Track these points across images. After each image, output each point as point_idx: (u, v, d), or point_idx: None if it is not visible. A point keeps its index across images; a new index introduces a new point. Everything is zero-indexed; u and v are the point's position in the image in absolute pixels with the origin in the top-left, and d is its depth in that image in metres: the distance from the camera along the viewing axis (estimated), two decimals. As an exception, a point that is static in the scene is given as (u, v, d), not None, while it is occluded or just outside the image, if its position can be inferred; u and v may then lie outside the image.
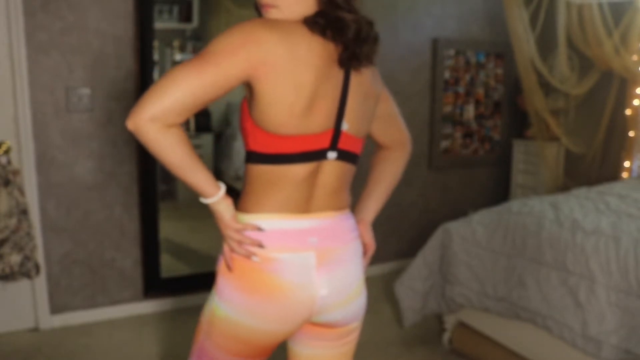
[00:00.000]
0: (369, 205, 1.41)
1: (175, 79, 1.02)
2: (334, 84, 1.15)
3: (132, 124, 1.02)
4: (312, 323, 1.23)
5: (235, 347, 1.18)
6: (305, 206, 1.18)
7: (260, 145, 1.14)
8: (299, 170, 1.15)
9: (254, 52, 1.05)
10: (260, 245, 1.14)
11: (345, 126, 1.18)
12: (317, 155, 1.16)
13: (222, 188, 1.14)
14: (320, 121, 1.14)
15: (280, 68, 1.07)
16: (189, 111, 1.04)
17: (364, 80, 1.22)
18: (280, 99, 1.09)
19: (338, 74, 1.16)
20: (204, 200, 1.14)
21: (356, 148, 1.24)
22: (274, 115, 1.10)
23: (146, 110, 1.01)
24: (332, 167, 1.20)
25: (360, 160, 1.28)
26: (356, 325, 1.30)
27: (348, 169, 1.23)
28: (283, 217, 1.16)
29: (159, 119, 1.01)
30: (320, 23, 1.11)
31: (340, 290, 1.20)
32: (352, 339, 1.32)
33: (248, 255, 1.14)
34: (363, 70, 1.21)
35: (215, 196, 1.13)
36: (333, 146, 1.17)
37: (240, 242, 1.14)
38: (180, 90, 1.01)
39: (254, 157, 1.16)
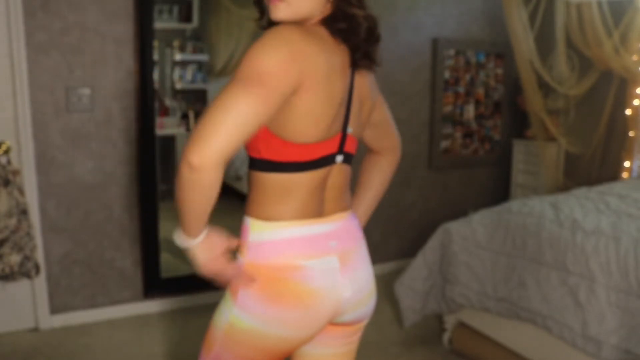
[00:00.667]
0: (360, 212, 1.42)
1: (234, 110, 0.94)
2: (346, 88, 1.15)
3: (197, 159, 0.93)
4: (331, 324, 1.24)
5: (259, 356, 1.17)
6: (319, 210, 1.18)
7: (275, 154, 1.10)
8: (315, 176, 1.14)
9: (304, 66, 1.02)
10: (252, 281, 1.13)
11: (350, 130, 1.19)
12: (329, 160, 1.16)
13: (205, 232, 1.11)
14: (336, 127, 1.14)
15: (320, 79, 1.06)
16: (244, 144, 1.00)
17: (364, 82, 1.22)
18: (315, 109, 1.07)
19: (347, 77, 1.15)
20: (180, 240, 1.11)
21: (355, 148, 1.25)
22: (305, 125, 1.08)
23: (214, 146, 0.93)
24: (338, 170, 1.20)
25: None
26: (365, 322, 1.31)
27: (349, 169, 1.25)
28: (303, 223, 1.14)
29: (224, 157, 0.95)
30: (343, 28, 1.10)
31: (361, 289, 1.22)
32: (357, 338, 1.34)
33: (245, 283, 1.14)
34: (364, 72, 1.21)
35: (197, 238, 1.10)
36: (340, 150, 1.18)
37: (225, 277, 1.14)
38: (242, 123, 0.95)
39: (265, 165, 1.12)
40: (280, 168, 1.12)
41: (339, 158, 1.18)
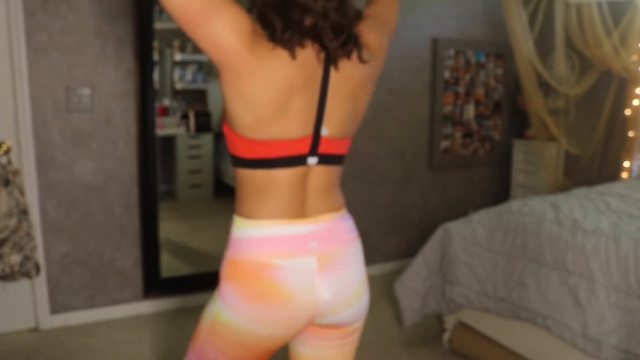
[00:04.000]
0: None
1: None
2: (312, 86, 1.11)
3: None
4: (316, 325, 1.23)
5: (236, 352, 1.17)
6: (301, 210, 1.16)
7: (242, 150, 1.13)
8: (288, 175, 1.13)
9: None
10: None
11: (325, 131, 1.13)
12: (297, 161, 1.12)
13: None
14: (305, 128, 1.11)
15: (257, 69, 1.13)
16: None
17: (351, 75, 1.14)
18: (254, 102, 1.12)
19: (318, 74, 1.11)
20: None
21: (340, 149, 1.20)
22: (247, 119, 1.11)
23: None
24: (322, 171, 1.17)
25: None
26: (359, 324, 1.29)
27: (335, 170, 1.21)
28: (282, 222, 1.14)
29: None
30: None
31: (342, 292, 1.19)
32: (354, 339, 1.31)
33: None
34: (348, 63, 1.13)
35: None
36: (313, 152, 1.13)
37: None
38: None
39: (237, 162, 1.16)
40: (249, 164, 1.13)
41: (312, 160, 1.14)
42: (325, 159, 1.16)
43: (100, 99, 2.94)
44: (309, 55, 1.09)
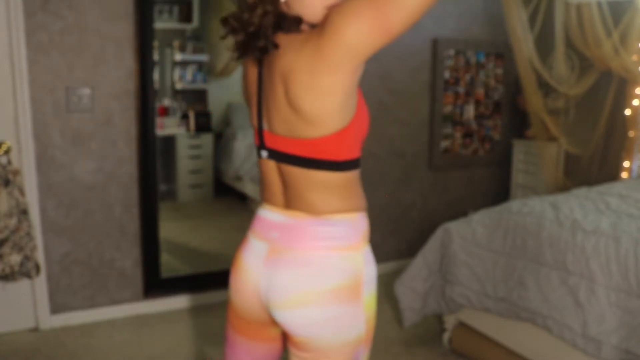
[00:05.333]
0: None
1: None
2: (252, 80, 1.23)
3: None
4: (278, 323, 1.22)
5: (229, 319, 1.33)
6: (282, 201, 1.22)
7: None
8: (263, 165, 1.24)
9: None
10: None
11: (264, 126, 1.20)
12: (258, 152, 1.25)
13: None
14: (254, 120, 1.23)
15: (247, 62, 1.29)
16: None
17: (275, 65, 1.12)
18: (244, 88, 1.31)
19: (254, 69, 1.22)
20: None
21: (295, 149, 1.13)
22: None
23: None
24: (288, 168, 1.17)
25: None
26: (304, 341, 1.17)
27: (311, 173, 1.14)
28: (264, 206, 1.27)
29: None
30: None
31: (278, 290, 1.17)
32: (309, 358, 1.19)
33: None
34: (275, 53, 1.12)
35: None
36: (262, 145, 1.22)
37: None
38: None
39: None
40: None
41: (263, 153, 1.22)
42: (279, 156, 1.18)
43: (100, 99, 2.94)
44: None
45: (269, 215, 1.23)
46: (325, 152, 1.12)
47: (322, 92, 1.06)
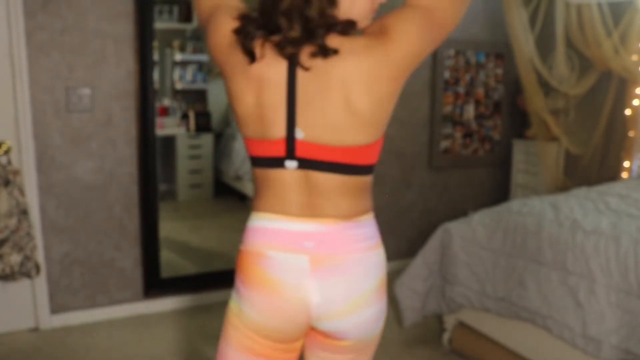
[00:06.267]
0: None
1: None
2: (277, 87, 1.09)
3: None
4: (318, 332, 1.21)
5: (241, 341, 1.19)
6: (303, 210, 1.14)
7: (247, 146, 1.20)
8: (276, 175, 1.13)
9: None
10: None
11: (300, 134, 1.09)
12: (276, 163, 1.12)
13: None
14: (277, 129, 1.10)
15: (239, 65, 1.16)
16: None
17: (326, 71, 1.06)
18: (237, 95, 1.15)
19: (281, 75, 1.08)
20: None
21: (331, 155, 1.11)
22: (238, 115, 1.17)
23: None
24: (321, 176, 1.13)
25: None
26: (353, 343, 1.21)
27: (346, 179, 1.14)
28: (277, 217, 1.15)
29: None
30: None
31: (334, 299, 1.15)
32: (352, 358, 1.23)
33: None
34: (340, 58, 1.05)
35: None
36: (290, 155, 1.11)
37: None
38: None
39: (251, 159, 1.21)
40: (251, 161, 1.19)
41: (290, 164, 1.11)
42: (312, 165, 1.11)
43: (100, 99, 2.94)
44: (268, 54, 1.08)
45: (288, 226, 1.14)
46: (366, 157, 1.16)
47: (384, 98, 1.09)
